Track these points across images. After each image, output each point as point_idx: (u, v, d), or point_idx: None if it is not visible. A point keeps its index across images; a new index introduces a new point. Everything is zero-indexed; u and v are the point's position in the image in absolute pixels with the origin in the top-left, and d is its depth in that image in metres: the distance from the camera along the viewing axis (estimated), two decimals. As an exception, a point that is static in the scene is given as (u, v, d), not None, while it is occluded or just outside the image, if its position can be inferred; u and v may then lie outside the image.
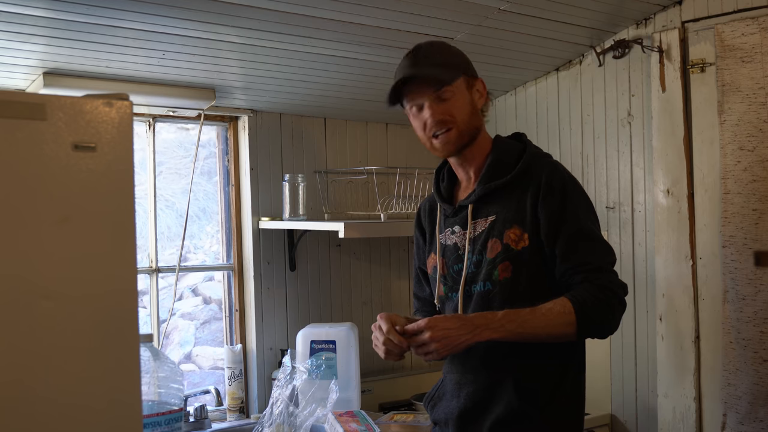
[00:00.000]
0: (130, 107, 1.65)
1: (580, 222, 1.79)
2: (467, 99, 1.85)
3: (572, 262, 1.76)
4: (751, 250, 2.42)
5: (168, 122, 2.93)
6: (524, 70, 3.01)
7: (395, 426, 2.47)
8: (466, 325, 1.69)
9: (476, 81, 1.88)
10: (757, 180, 2.40)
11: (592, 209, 1.86)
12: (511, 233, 1.80)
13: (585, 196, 1.86)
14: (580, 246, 1.77)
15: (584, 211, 1.82)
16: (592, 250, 1.79)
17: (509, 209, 1.82)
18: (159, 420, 2.18)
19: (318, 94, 2.89)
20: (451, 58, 1.87)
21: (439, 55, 1.87)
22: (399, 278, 3.35)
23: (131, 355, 1.63)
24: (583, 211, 1.82)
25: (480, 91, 1.89)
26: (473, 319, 1.71)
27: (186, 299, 3.96)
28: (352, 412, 2.47)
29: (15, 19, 2.00)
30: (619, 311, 1.76)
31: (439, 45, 1.91)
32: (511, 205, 1.82)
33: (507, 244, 1.80)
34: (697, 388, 2.57)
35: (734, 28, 2.44)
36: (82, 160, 1.58)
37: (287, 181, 2.89)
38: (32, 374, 1.53)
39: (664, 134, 2.64)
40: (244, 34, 2.31)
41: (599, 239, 1.82)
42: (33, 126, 1.53)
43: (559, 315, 1.71)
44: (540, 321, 1.71)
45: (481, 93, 1.89)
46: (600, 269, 1.76)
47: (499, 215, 1.83)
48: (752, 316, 2.41)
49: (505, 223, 1.81)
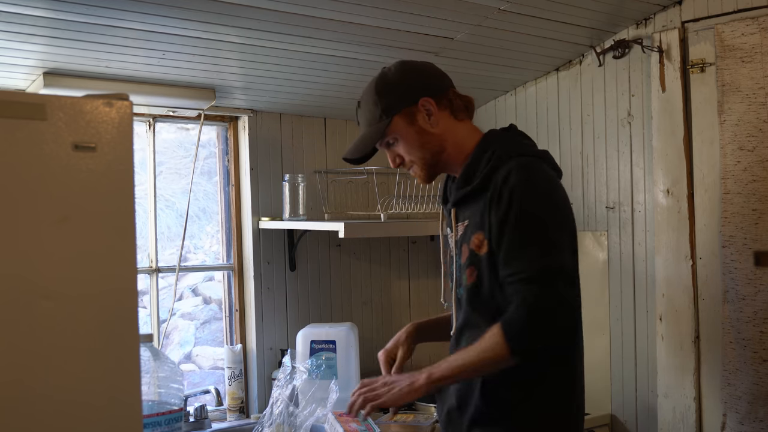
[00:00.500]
0: (130, 107, 1.65)
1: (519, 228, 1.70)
2: (411, 132, 1.85)
3: (506, 272, 1.71)
4: (751, 250, 2.42)
5: (168, 122, 2.93)
6: (524, 70, 3.01)
7: (395, 426, 2.47)
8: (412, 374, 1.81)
9: (416, 106, 1.85)
10: (757, 180, 2.40)
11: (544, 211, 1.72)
12: (475, 238, 1.79)
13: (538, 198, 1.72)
14: (515, 254, 1.70)
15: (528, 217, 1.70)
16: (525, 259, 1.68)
17: (476, 214, 1.81)
18: (159, 420, 2.18)
19: (318, 94, 2.89)
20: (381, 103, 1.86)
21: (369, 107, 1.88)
22: (399, 278, 3.35)
23: (131, 355, 1.63)
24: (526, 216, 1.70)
25: (427, 108, 1.85)
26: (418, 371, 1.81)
27: (186, 299, 3.96)
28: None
29: (15, 19, 2.00)
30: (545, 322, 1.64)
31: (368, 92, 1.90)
32: (478, 209, 1.80)
33: (472, 249, 1.79)
34: (697, 388, 2.57)
35: (734, 28, 2.44)
36: (82, 160, 1.58)
37: (287, 181, 2.89)
38: (32, 374, 1.53)
39: (664, 134, 2.64)
40: (244, 34, 2.31)
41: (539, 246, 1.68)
42: (33, 126, 1.53)
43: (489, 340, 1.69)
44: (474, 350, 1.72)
45: (430, 111, 1.85)
46: (529, 279, 1.66)
47: (470, 220, 1.83)
48: (752, 316, 2.41)
49: (474, 228, 1.80)
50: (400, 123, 1.85)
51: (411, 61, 1.93)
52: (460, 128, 1.89)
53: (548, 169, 1.82)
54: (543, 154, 1.86)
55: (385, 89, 1.87)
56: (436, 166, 1.89)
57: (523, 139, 1.89)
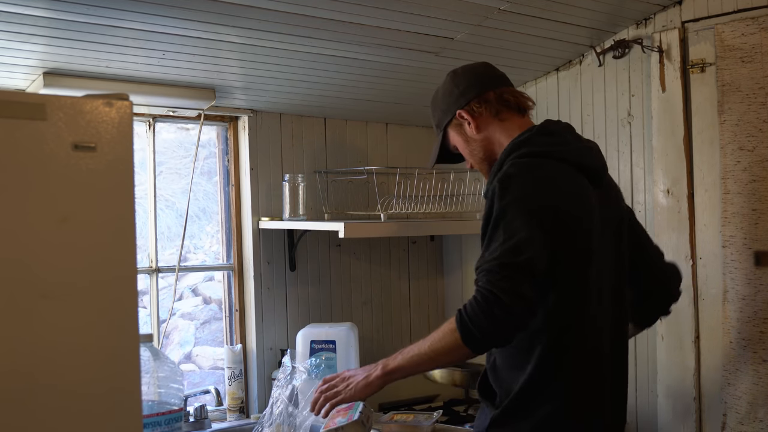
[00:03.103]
0: (130, 107, 1.65)
1: (491, 225, 1.71)
2: (461, 141, 2.03)
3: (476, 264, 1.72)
4: (751, 250, 2.42)
5: (168, 122, 2.93)
6: (524, 70, 3.01)
7: (395, 426, 2.47)
8: (367, 368, 1.87)
9: (457, 117, 1.99)
10: (757, 180, 2.40)
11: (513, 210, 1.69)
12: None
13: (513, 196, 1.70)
14: (483, 248, 1.72)
15: (498, 214, 1.70)
16: (487, 251, 1.68)
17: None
18: (159, 420, 2.18)
19: (318, 94, 2.89)
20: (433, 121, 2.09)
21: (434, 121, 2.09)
22: (399, 278, 3.35)
23: (131, 355, 1.63)
24: (497, 214, 1.70)
25: (466, 119, 1.97)
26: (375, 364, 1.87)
27: (186, 299, 3.96)
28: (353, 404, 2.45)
29: (15, 19, 2.00)
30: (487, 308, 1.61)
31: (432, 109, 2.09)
32: None
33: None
34: (697, 388, 2.57)
35: (734, 28, 2.44)
36: (82, 160, 1.58)
37: (287, 181, 2.89)
38: (32, 374, 1.53)
39: (664, 134, 2.64)
40: (244, 34, 2.31)
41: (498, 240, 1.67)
42: (33, 126, 1.53)
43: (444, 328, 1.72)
44: (429, 339, 1.75)
45: (468, 119, 1.97)
46: (487, 271, 1.65)
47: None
48: (752, 316, 2.41)
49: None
50: (451, 133, 2.04)
51: (457, 69, 2.05)
52: (503, 128, 1.95)
53: (550, 168, 1.78)
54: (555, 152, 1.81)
55: (433, 105, 2.09)
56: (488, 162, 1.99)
57: (540, 137, 1.86)
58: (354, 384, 1.87)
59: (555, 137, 1.87)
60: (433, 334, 1.74)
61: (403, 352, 1.80)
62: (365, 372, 1.87)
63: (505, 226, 1.67)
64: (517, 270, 1.62)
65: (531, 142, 1.84)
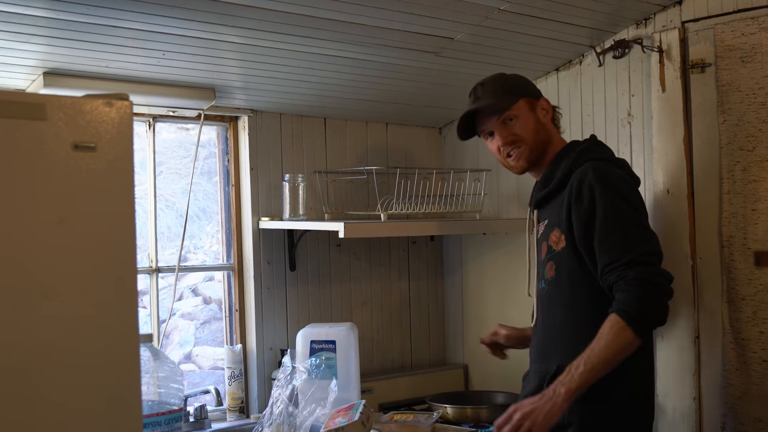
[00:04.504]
0: (130, 107, 1.65)
1: (607, 223, 1.93)
2: (531, 118, 2.15)
3: (604, 261, 1.92)
4: (751, 250, 2.42)
5: (168, 122, 2.93)
6: (524, 70, 2.99)
7: (395, 426, 2.47)
8: (544, 395, 1.88)
9: (539, 101, 2.18)
10: (757, 180, 2.40)
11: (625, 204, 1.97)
12: (553, 235, 2.04)
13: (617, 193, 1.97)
14: (608, 245, 1.92)
15: (613, 210, 1.94)
16: (621, 246, 1.90)
17: (554, 214, 2.07)
18: (159, 420, 2.18)
19: (318, 94, 2.89)
20: (507, 86, 2.17)
21: (496, 86, 2.17)
22: (399, 278, 3.35)
23: (131, 355, 1.63)
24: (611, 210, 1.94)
25: (545, 108, 2.18)
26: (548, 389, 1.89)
27: (186, 299, 3.97)
28: (353, 405, 2.46)
29: (15, 19, 2.00)
30: (656, 296, 1.88)
31: (495, 77, 2.21)
32: (555, 210, 2.05)
33: (550, 245, 2.05)
34: (697, 388, 2.57)
35: (734, 28, 2.44)
36: (82, 160, 1.58)
37: (287, 181, 2.89)
38: (32, 374, 1.53)
39: (664, 134, 2.64)
40: (244, 34, 2.31)
41: (630, 233, 1.93)
42: (33, 126, 1.53)
43: (610, 330, 1.85)
44: (597, 346, 1.86)
45: (547, 110, 2.19)
46: (631, 263, 1.88)
47: (549, 220, 2.09)
48: (752, 316, 2.41)
49: (551, 227, 2.06)
50: (524, 106, 2.15)
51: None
52: (556, 135, 2.23)
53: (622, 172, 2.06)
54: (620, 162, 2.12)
55: (513, 79, 2.23)
56: (537, 156, 2.17)
57: (599, 148, 2.15)
58: (543, 414, 1.85)
59: (606, 149, 2.18)
60: (598, 342, 1.86)
61: (577, 369, 1.86)
62: (543, 400, 1.87)
63: (626, 219, 1.94)
64: (655, 255, 1.93)
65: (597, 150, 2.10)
